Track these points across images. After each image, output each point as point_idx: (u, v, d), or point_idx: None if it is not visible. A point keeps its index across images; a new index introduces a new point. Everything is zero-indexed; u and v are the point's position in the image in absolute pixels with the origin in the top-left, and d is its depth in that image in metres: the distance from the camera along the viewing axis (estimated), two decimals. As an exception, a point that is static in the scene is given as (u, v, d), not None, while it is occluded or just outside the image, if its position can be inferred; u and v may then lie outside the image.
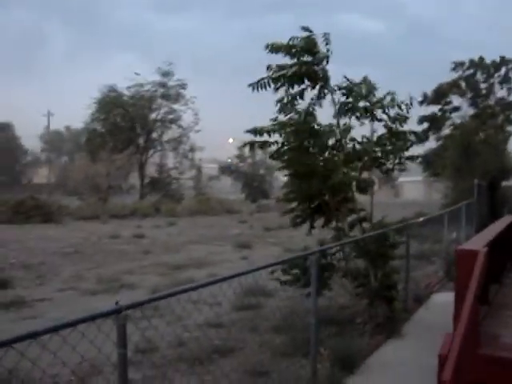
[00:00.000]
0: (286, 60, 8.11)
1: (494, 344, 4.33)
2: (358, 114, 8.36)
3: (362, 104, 8.38)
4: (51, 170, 76.19)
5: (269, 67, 8.03)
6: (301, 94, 8.22)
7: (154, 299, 3.52)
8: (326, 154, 8.37)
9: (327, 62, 8.15)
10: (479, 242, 4.96)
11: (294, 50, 7.99)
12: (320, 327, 6.21)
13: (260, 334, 7.63)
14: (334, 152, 8.41)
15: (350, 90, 8.33)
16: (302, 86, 8.22)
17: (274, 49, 7.99)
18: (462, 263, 4.36)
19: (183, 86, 49.02)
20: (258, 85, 7.96)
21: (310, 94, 8.31)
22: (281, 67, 8.01)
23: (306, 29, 8.00)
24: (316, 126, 8.20)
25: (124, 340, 3.06)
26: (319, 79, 8.19)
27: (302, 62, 8.02)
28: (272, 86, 8.03)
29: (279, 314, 8.04)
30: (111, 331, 3.37)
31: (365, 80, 8.51)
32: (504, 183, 27.58)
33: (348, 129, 8.34)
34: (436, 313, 9.10)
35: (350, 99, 8.34)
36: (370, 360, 6.83)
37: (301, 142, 8.14)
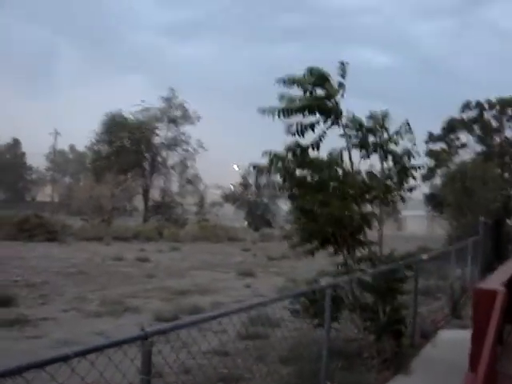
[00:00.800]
0: (297, 91, 8.14)
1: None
2: (368, 149, 8.41)
3: (371, 139, 8.44)
4: (55, 189, 76.35)
5: (281, 97, 8.04)
6: (311, 126, 8.21)
7: (178, 327, 3.51)
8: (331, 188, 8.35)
9: (342, 95, 8.18)
10: (496, 282, 4.94)
11: (306, 84, 8.01)
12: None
13: (266, 364, 7.56)
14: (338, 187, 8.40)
15: (360, 124, 8.36)
16: (313, 119, 8.22)
17: (288, 82, 8.01)
18: (480, 302, 4.35)
19: (184, 106, 49.48)
20: (268, 111, 7.96)
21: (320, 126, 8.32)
22: (292, 99, 8.02)
23: (312, 69, 8.02)
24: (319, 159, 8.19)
25: (149, 366, 3.05)
26: (331, 113, 8.21)
27: (314, 97, 8.05)
28: (282, 116, 8.02)
29: (286, 344, 7.97)
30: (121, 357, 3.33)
31: (375, 115, 8.56)
32: (509, 221, 27.56)
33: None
34: (443, 350, 9.03)
35: (360, 134, 8.40)
36: (377, 396, 6.77)
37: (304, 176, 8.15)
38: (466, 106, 35.61)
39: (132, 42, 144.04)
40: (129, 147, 48.34)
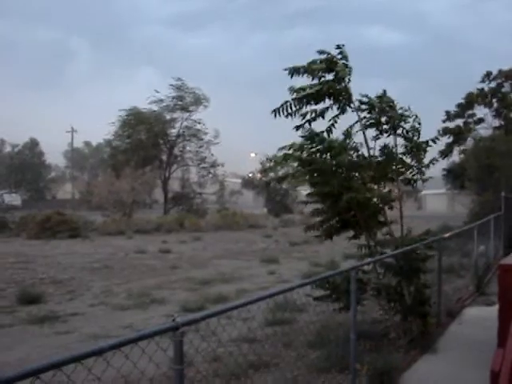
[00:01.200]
0: (306, 81, 8.14)
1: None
2: (381, 128, 8.41)
3: (383, 119, 8.43)
4: (75, 186, 76.95)
5: (291, 89, 8.04)
6: (322, 113, 8.22)
7: (209, 316, 3.57)
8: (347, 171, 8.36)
9: (349, 80, 8.17)
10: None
11: (315, 71, 8.02)
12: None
13: (294, 349, 7.65)
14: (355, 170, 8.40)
15: (372, 105, 8.35)
16: (324, 105, 8.23)
17: (295, 71, 8.01)
18: (506, 278, 4.36)
19: (196, 92, 49.41)
20: (281, 109, 7.99)
21: (330, 113, 8.33)
22: (302, 89, 8.02)
23: (322, 52, 8.02)
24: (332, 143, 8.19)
25: (181, 356, 3.12)
26: (342, 97, 8.21)
27: (324, 82, 8.05)
28: (294, 108, 8.03)
29: (312, 328, 8.04)
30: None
31: (384, 95, 8.53)
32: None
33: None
34: (469, 327, 9.06)
35: (373, 114, 8.40)
36: (406, 375, 6.81)
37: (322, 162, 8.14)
38: (487, 76, 35.11)
39: (141, 35, 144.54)
40: (146, 141, 48.51)
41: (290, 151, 7.98)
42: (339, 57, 8.08)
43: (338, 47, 8.10)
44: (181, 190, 51.54)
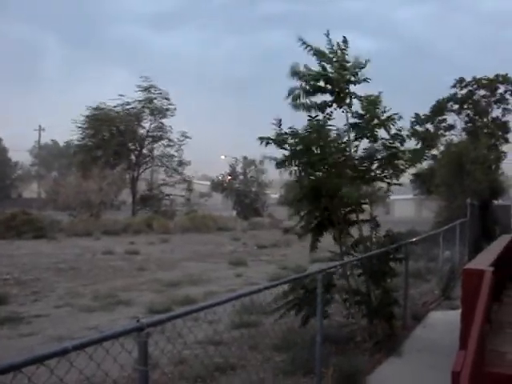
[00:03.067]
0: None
1: (501, 362, 4.39)
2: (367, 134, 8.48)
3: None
4: (41, 185, 75.73)
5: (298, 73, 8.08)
6: (321, 106, 8.26)
7: (174, 317, 3.55)
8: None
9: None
10: (484, 262, 5.04)
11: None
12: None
13: (261, 352, 7.65)
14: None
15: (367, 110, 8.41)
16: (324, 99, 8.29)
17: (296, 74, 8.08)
18: (469, 282, 4.43)
19: (166, 97, 49.12)
20: (293, 94, 8.01)
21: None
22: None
23: (303, 42, 8.07)
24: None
25: (145, 357, 3.10)
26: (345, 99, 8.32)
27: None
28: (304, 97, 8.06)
29: (279, 331, 8.05)
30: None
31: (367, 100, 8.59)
32: (496, 202, 27.78)
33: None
34: (434, 331, 9.18)
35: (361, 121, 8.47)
36: (371, 378, 6.87)
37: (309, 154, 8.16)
38: (459, 83, 35.55)
39: (115, 34, 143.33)
40: (113, 140, 48.03)
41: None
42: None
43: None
44: (149, 191, 51.15)
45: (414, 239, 10.53)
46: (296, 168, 8.27)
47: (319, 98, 8.25)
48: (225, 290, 12.90)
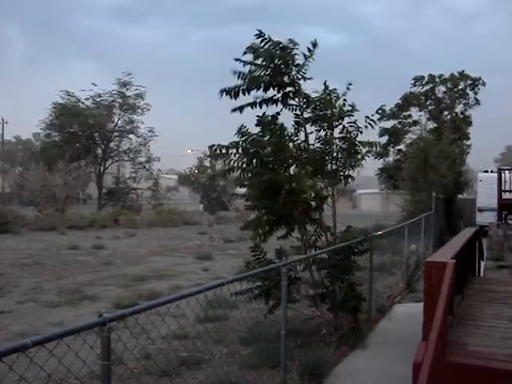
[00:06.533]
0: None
1: (462, 352, 4.46)
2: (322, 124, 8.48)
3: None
4: (5, 179, 74.47)
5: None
6: (272, 100, 8.21)
7: (137, 311, 3.52)
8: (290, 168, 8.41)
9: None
10: (446, 255, 5.10)
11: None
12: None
13: (226, 346, 7.65)
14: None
15: (308, 100, 8.41)
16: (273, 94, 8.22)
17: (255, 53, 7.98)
18: (431, 275, 4.49)
19: (141, 96, 48.71)
20: (232, 91, 7.92)
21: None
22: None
23: (260, 35, 8.00)
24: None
25: (108, 352, 3.06)
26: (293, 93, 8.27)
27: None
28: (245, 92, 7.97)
29: (244, 325, 8.05)
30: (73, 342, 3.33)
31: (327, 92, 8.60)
32: (460, 196, 28.25)
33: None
34: (398, 323, 9.31)
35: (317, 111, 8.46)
36: (336, 370, 6.93)
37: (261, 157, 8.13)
38: (418, 80, 36.11)
39: (81, 27, 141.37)
40: (80, 134, 47.47)
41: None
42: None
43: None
44: (115, 185, 50.72)
45: (378, 233, 10.62)
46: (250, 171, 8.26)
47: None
48: (190, 284, 12.84)
